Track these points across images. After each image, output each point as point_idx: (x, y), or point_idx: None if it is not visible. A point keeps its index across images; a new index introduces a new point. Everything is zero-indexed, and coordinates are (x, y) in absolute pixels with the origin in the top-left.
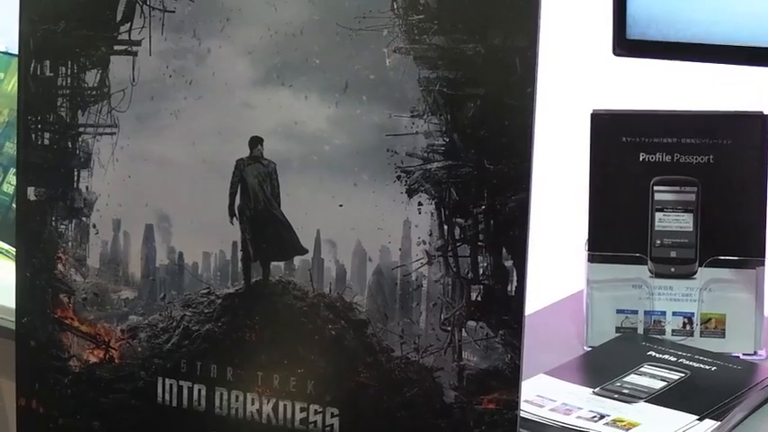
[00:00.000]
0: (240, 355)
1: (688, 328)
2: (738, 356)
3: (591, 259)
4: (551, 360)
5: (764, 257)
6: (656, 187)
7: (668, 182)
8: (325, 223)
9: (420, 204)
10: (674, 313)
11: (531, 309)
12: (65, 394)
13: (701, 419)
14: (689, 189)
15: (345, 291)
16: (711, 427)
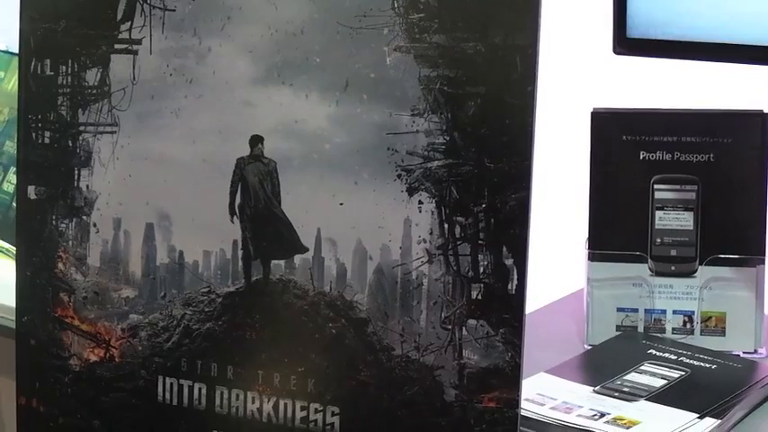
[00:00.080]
0: (241, 353)
1: (688, 326)
2: (738, 355)
3: (591, 257)
4: (552, 358)
5: (765, 256)
6: (656, 186)
7: (668, 180)
8: (326, 222)
9: (420, 203)
10: (675, 311)
11: (531, 307)
12: (65, 393)
13: (701, 417)
14: (689, 187)
15: (346, 289)
16: (712, 425)
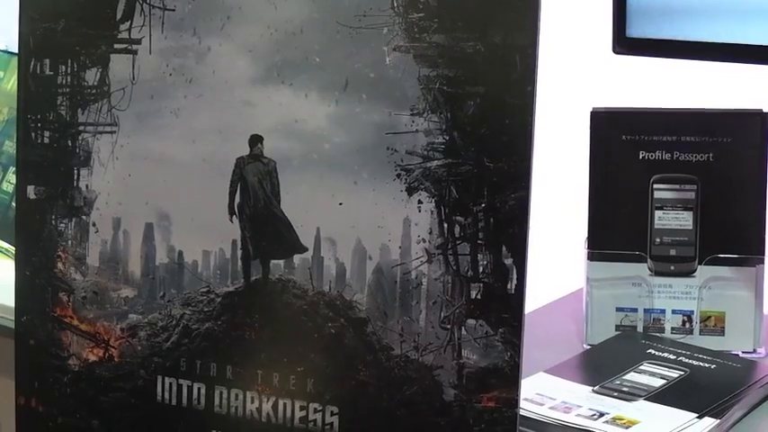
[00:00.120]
0: (240, 353)
1: (687, 326)
2: (738, 354)
3: (590, 257)
4: (551, 358)
5: (764, 255)
6: (655, 185)
7: (668, 180)
8: (325, 221)
9: (420, 202)
10: (674, 311)
11: (530, 307)
12: (64, 393)
13: (700, 417)
14: (688, 187)
15: (345, 289)
16: (711, 424)
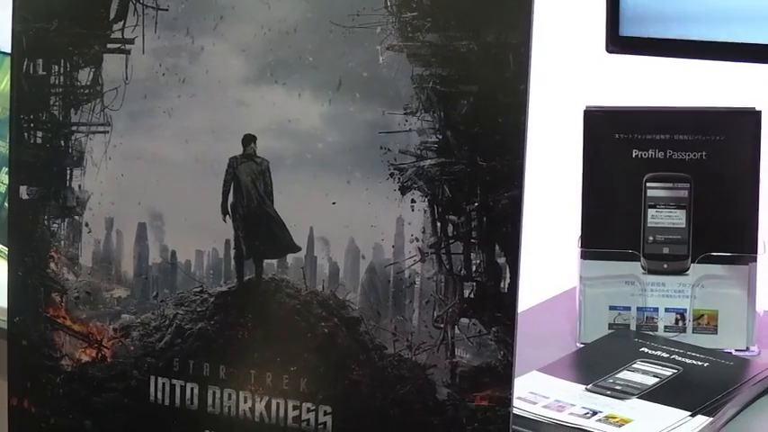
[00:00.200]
0: (233, 353)
1: (680, 324)
2: (731, 352)
3: (583, 256)
4: (544, 357)
5: (757, 253)
6: (648, 184)
7: (661, 178)
8: (319, 221)
9: (413, 201)
10: (667, 309)
11: (523, 306)
12: (57, 393)
13: (693, 415)
14: (682, 185)
15: (338, 288)
16: (704, 422)
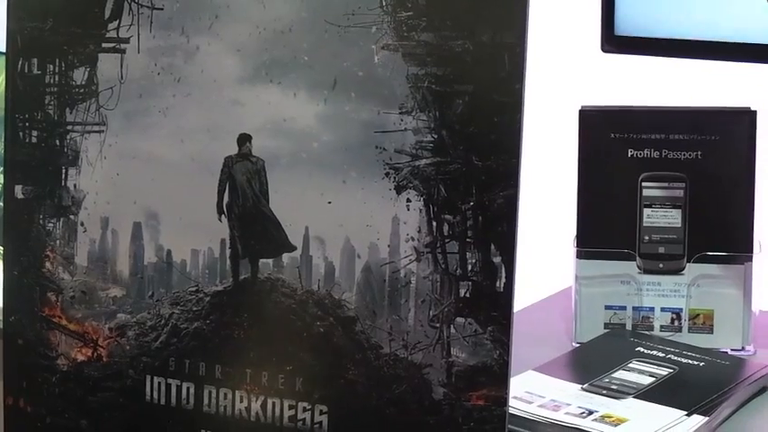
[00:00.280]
0: (228, 352)
1: (676, 323)
2: (726, 352)
3: (579, 255)
4: (540, 356)
5: (752, 253)
6: (644, 183)
7: (656, 178)
8: (314, 220)
9: (408, 201)
10: (663, 309)
11: (519, 305)
12: (52, 393)
13: (689, 415)
14: (677, 185)
15: (334, 288)
16: (700, 422)
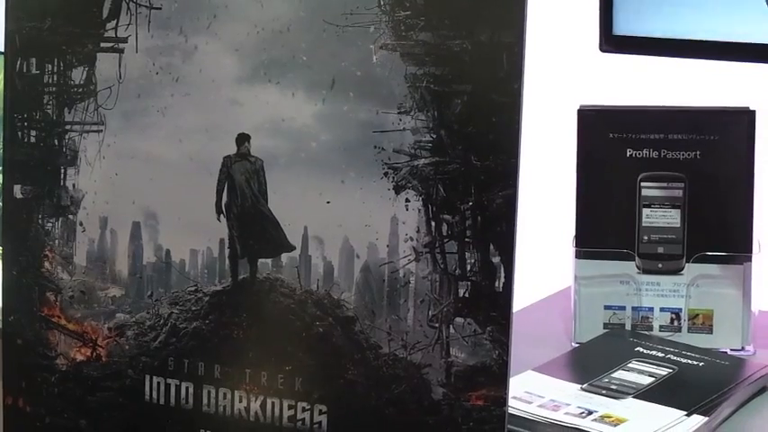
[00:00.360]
0: (228, 352)
1: (676, 323)
2: (726, 352)
3: (578, 255)
4: (539, 356)
5: (751, 253)
6: (643, 183)
7: (655, 178)
8: (313, 220)
9: (407, 201)
10: (662, 309)
11: (518, 305)
12: (51, 393)
13: (688, 415)
14: (676, 185)
15: (333, 288)
16: (699, 422)
